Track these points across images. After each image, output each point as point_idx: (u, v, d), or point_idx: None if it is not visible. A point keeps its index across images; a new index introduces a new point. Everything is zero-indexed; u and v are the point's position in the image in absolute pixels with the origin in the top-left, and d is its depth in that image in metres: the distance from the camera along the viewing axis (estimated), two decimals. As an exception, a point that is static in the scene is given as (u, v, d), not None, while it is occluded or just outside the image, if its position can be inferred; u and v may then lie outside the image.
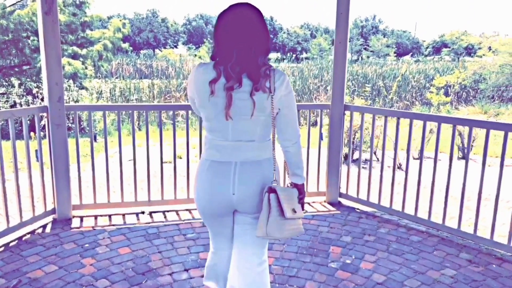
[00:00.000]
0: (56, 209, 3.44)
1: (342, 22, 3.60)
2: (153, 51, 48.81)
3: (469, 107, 15.21)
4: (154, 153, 3.72)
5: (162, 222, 3.47)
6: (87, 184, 4.37)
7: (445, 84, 15.18)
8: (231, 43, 1.57)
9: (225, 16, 1.60)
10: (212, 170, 1.67)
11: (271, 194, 1.60)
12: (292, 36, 51.97)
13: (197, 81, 1.63)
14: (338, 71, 3.69)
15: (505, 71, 17.50)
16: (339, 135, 3.81)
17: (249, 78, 1.57)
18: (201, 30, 57.00)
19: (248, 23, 1.58)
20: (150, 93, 16.17)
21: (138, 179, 3.75)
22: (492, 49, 18.13)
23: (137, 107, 3.62)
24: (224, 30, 1.59)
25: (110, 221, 3.47)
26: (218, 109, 1.60)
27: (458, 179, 3.28)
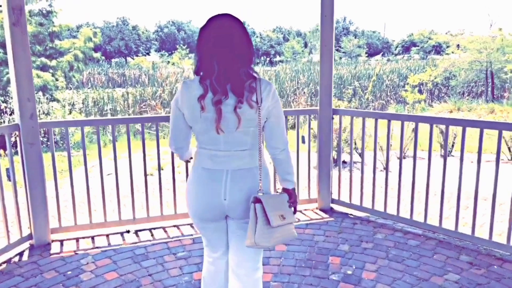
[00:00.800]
0: (32, 234, 3.19)
1: (327, 25, 3.52)
2: (125, 59, 47.92)
3: (442, 104, 15.58)
4: (134, 166, 3.52)
5: (150, 241, 3.27)
6: (66, 203, 4.13)
7: (419, 82, 15.47)
8: (213, 55, 1.57)
9: (206, 29, 1.61)
10: (205, 177, 1.70)
11: (257, 204, 1.61)
12: (265, 40, 52.15)
13: (187, 99, 1.63)
14: (325, 75, 3.60)
15: (474, 68, 18.00)
16: (328, 140, 3.71)
17: (233, 91, 1.58)
18: (174, 37, 56.41)
19: (230, 34, 1.58)
20: (124, 102, 15.77)
21: (121, 195, 3.54)
22: (461, 47, 18.61)
23: (117, 121, 3.41)
24: (205, 43, 1.59)
25: (93, 244, 3.25)
26: (210, 124, 1.62)
27: (449, 179, 3.24)
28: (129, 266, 2.88)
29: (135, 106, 15.30)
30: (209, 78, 1.57)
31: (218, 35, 1.58)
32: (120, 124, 3.49)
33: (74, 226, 3.36)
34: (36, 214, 3.15)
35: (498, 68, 17.38)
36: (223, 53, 1.56)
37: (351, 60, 40.90)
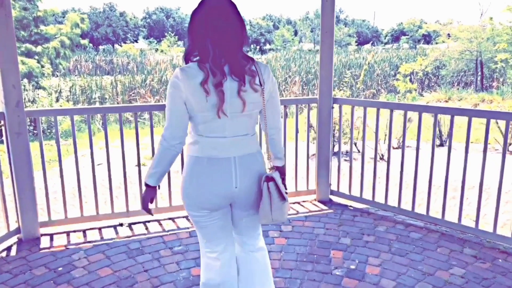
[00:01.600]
0: (21, 227, 3.04)
1: (327, 10, 3.39)
2: (112, 46, 47.02)
3: (433, 94, 15.59)
4: (125, 156, 3.38)
5: (144, 235, 3.15)
6: (55, 195, 3.97)
7: (411, 71, 15.45)
8: (209, 37, 1.54)
9: (200, 11, 1.57)
10: (212, 167, 1.65)
11: (270, 182, 1.68)
12: (255, 27, 51.59)
13: (189, 86, 1.56)
14: (325, 63, 3.48)
15: (464, 57, 18.04)
16: (328, 130, 3.61)
17: (233, 73, 1.56)
18: (162, 24, 55.46)
19: (225, 15, 1.55)
20: (113, 90, 15.45)
21: (113, 186, 3.40)
22: (452, 36, 18.61)
23: (109, 110, 3.24)
24: (200, 25, 1.55)
25: (85, 238, 3.11)
26: (215, 109, 1.57)
27: (451, 170, 3.16)
28: (123, 261, 2.76)
29: (124, 94, 15.00)
30: (207, 61, 1.54)
31: (213, 16, 1.54)
32: (112, 114, 3.31)
33: (65, 219, 3.21)
34: (24, 207, 3.00)
35: (488, 57, 17.44)
36: (219, 35, 1.53)
37: (341, 49, 40.80)
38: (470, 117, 2.92)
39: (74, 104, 13.70)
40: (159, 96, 14.95)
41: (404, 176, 3.32)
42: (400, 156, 3.31)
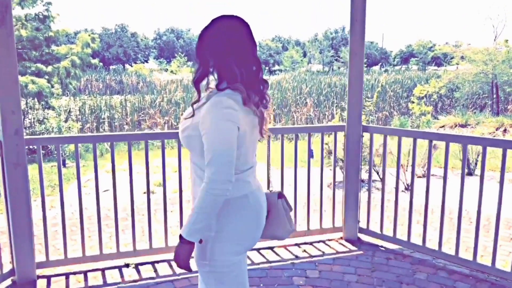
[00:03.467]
0: (15, 269, 2.71)
1: (357, 31, 3.09)
2: (123, 66, 47.57)
3: (449, 117, 15.19)
4: (127, 184, 3.05)
5: (153, 279, 2.79)
6: (55, 228, 3.65)
7: (426, 93, 15.13)
8: (234, 57, 1.43)
9: (218, 32, 1.45)
10: (260, 200, 1.57)
11: (281, 199, 1.67)
12: (264, 48, 51.95)
13: (244, 115, 1.43)
14: (354, 88, 3.17)
15: (480, 80, 17.70)
16: (357, 161, 3.27)
17: (257, 95, 1.49)
18: (172, 44, 56.13)
19: (244, 34, 1.48)
20: (122, 110, 15.31)
21: (119, 216, 3.06)
22: (466, 58, 18.31)
23: (117, 138, 2.94)
24: (222, 46, 1.43)
25: (86, 282, 2.76)
26: (257, 129, 1.52)
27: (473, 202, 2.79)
28: (128, 313, 2.41)
29: (133, 114, 14.85)
30: (236, 82, 1.43)
31: (234, 37, 1.45)
32: (121, 142, 3.02)
33: (64, 259, 2.87)
34: (20, 246, 2.67)
35: (504, 80, 17.07)
36: (243, 56, 1.45)
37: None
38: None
39: (82, 125, 13.55)
40: (168, 117, 14.77)
41: (444, 212, 2.94)
42: (440, 190, 2.95)
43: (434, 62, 47.40)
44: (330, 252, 3.20)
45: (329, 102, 18.25)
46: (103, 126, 14.20)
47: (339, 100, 18.58)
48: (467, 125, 13.53)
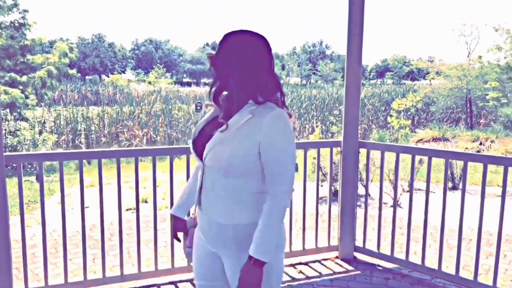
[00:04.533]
0: (-11, 298, 2.47)
1: (354, 45, 3.04)
2: (99, 76, 46.71)
3: (427, 130, 15.50)
4: (111, 200, 2.86)
5: (142, 306, 2.60)
6: (34, 250, 3.40)
7: (404, 107, 15.42)
8: (267, 72, 1.43)
9: (258, 43, 1.42)
10: None
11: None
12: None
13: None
14: (351, 103, 3.11)
15: (454, 94, 18.21)
16: (353, 177, 3.19)
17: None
18: (151, 55, 55.65)
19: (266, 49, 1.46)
20: (99, 122, 14.92)
21: (105, 236, 2.85)
22: (441, 73, 18.85)
23: (106, 154, 2.75)
24: (258, 61, 1.41)
25: (69, 311, 2.55)
26: None
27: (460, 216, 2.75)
28: None
29: (111, 126, 14.48)
30: (271, 96, 1.41)
31: (264, 51, 1.43)
32: (110, 158, 2.83)
33: (44, 287, 2.64)
34: (-5, 272, 2.44)
35: (478, 95, 17.63)
36: (270, 69, 1.44)
37: (327, 84, 41.34)
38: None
39: (58, 136, 13.09)
40: (147, 129, 14.48)
41: (431, 228, 2.89)
42: (436, 206, 2.89)
43: (409, 77, 48.71)
44: (327, 272, 3.09)
45: (309, 115, 18.36)
46: (79, 138, 13.78)
47: (318, 113, 18.72)
48: (444, 138, 13.82)
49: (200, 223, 1.52)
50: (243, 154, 1.36)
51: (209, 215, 1.44)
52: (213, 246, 1.47)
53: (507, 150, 6.14)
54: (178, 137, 14.35)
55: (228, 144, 1.36)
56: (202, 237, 1.51)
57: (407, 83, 39.94)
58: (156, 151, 2.76)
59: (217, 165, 1.38)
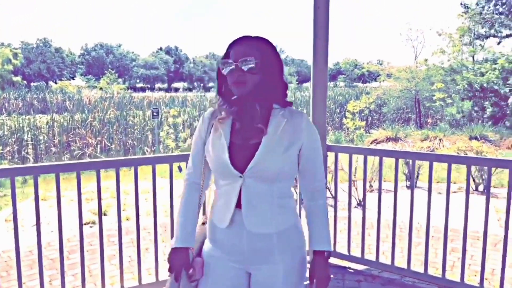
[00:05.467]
0: None
1: (321, 45, 3.03)
2: (45, 83, 44.40)
3: (380, 131, 16.08)
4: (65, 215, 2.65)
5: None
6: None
7: (359, 109, 15.90)
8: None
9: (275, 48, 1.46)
10: None
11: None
12: (198, 65, 51.73)
13: None
14: (318, 106, 3.10)
15: (404, 95, 19.06)
16: (322, 181, 3.17)
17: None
18: (102, 60, 53.72)
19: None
20: (49, 131, 14.12)
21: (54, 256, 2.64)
22: (391, 76, 19.68)
23: (65, 167, 2.50)
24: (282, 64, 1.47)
25: None
26: None
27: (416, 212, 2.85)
28: None
29: (61, 135, 13.74)
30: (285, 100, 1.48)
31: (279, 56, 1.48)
32: (69, 172, 2.57)
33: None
34: None
35: (425, 96, 18.56)
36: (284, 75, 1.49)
37: (284, 87, 41.80)
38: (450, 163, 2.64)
39: (2, 148, 12.24)
40: (101, 137, 13.90)
41: (402, 228, 2.94)
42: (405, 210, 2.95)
43: (360, 79, 50.49)
44: (299, 278, 3.04)
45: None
46: (26, 149, 12.95)
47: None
48: (397, 138, 14.39)
49: (229, 242, 1.40)
50: (292, 159, 1.38)
51: (253, 228, 1.37)
52: (247, 261, 1.40)
53: (459, 148, 6.47)
54: (134, 145, 13.89)
55: (276, 151, 1.35)
56: (228, 257, 1.42)
57: (359, 85, 41.40)
58: (120, 162, 2.59)
59: (265, 174, 1.34)
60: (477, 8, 16.98)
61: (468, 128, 14.05)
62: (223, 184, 1.41)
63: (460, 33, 17.95)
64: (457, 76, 17.23)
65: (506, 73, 15.91)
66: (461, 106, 16.46)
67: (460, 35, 17.99)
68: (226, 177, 1.38)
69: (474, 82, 16.28)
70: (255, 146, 1.35)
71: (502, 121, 15.41)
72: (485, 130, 13.60)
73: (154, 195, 2.68)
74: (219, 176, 1.41)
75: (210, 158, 1.41)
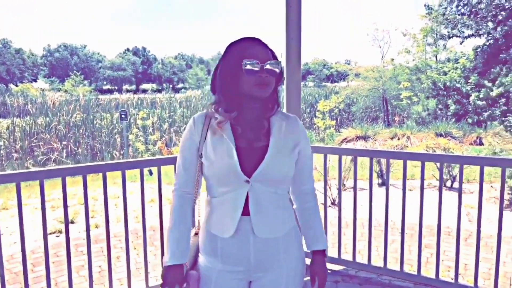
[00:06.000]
0: None
1: (293, 49, 3.00)
2: (5, 86, 42.50)
3: (350, 129, 16.35)
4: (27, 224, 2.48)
5: None
6: None
7: (329, 108, 16.11)
8: None
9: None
10: None
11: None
12: (167, 66, 50.99)
13: None
14: (292, 106, 3.06)
15: (372, 94, 19.48)
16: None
17: None
18: (66, 62, 51.99)
19: None
20: (10, 136, 13.49)
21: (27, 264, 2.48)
22: (359, 75, 20.08)
23: (29, 176, 2.31)
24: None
25: None
26: None
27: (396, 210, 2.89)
28: None
29: (23, 140, 13.16)
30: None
31: None
32: (31, 180, 2.39)
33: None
34: None
35: (392, 95, 19.04)
36: None
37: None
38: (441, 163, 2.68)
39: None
40: (67, 142, 13.42)
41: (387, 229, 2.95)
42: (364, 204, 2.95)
43: (329, 79, 51.28)
44: (277, 281, 2.99)
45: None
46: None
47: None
48: (366, 136, 14.67)
49: (234, 251, 1.33)
50: (294, 161, 1.38)
51: (263, 234, 1.32)
52: (252, 270, 1.35)
53: (428, 145, 6.63)
54: (101, 148, 13.48)
55: (284, 153, 1.34)
56: (230, 267, 1.34)
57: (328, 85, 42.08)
58: (86, 168, 2.44)
59: (273, 177, 1.31)
60: (440, 9, 17.56)
61: (433, 126, 14.49)
62: (224, 191, 1.32)
63: (424, 34, 18.53)
64: (422, 75, 17.77)
65: (467, 72, 16.54)
66: (426, 104, 16.98)
67: (423, 35, 18.57)
68: (230, 183, 1.30)
69: (438, 81, 16.82)
70: (261, 149, 1.31)
71: (464, 118, 16.00)
72: (450, 127, 14.07)
73: (125, 202, 2.56)
74: (221, 182, 1.31)
75: (211, 164, 1.31)
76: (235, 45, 1.33)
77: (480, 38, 16.82)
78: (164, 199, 2.71)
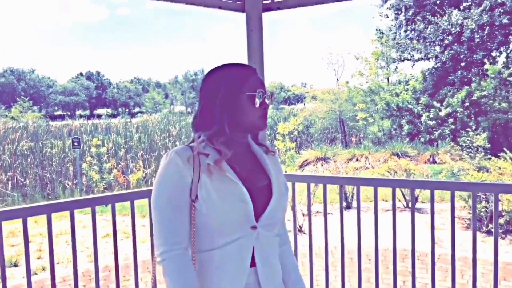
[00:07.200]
0: None
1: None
2: None
3: (310, 151, 16.52)
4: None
5: None
6: None
7: (288, 130, 16.22)
8: None
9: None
10: None
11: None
12: (123, 91, 49.90)
13: None
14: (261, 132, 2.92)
15: (329, 116, 19.93)
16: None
17: None
18: (13, 87, 49.49)
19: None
20: None
21: None
22: (316, 98, 20.51)
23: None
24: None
25: None
26: None
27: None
28: None
29: (-37, 172, 12.11)
30: None
31: None
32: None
33: None
34: None
35: (348, 116, 19.57)
36: None
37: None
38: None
39: None
40: (13, 172, 12.50)
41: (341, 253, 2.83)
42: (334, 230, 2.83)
43: (286, 102, 52.27)
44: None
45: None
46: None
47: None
48: (326, 158, 14.84)
49: None
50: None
51: (268, 286, 1.18)
52: None
53: (389, 167, 6.73)
54: (52, 178, 12.67)
55: (283, 193, 1.21)
56: None
57: (286, 107, 42.79)
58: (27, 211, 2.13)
59: (276, 220, 1.19)
60: (390, 33, 18.48)
61: (390, 145, 14.93)
62: (228, 242, 1.09)
63: (375, 57, 19.35)
64: (376, 96, 18.43)
65: (418, 94, 17.35)
66: (381, 125, 17.56)
67: (375, 58, 19.38)
68: (235, 231, 1.09)
69: (391, 102, 17.50)
70: (264, 189, 1.18)
71: (417, 137, 16.65)
72: (405, 146, 14.57)
73: (74, 242, 2.26)
74: (225, 231, 1.09)
75: (213, 209, 1.08)
76: (233, 72, 1.20)
77: (429, 61, 17.80)
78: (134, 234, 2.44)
